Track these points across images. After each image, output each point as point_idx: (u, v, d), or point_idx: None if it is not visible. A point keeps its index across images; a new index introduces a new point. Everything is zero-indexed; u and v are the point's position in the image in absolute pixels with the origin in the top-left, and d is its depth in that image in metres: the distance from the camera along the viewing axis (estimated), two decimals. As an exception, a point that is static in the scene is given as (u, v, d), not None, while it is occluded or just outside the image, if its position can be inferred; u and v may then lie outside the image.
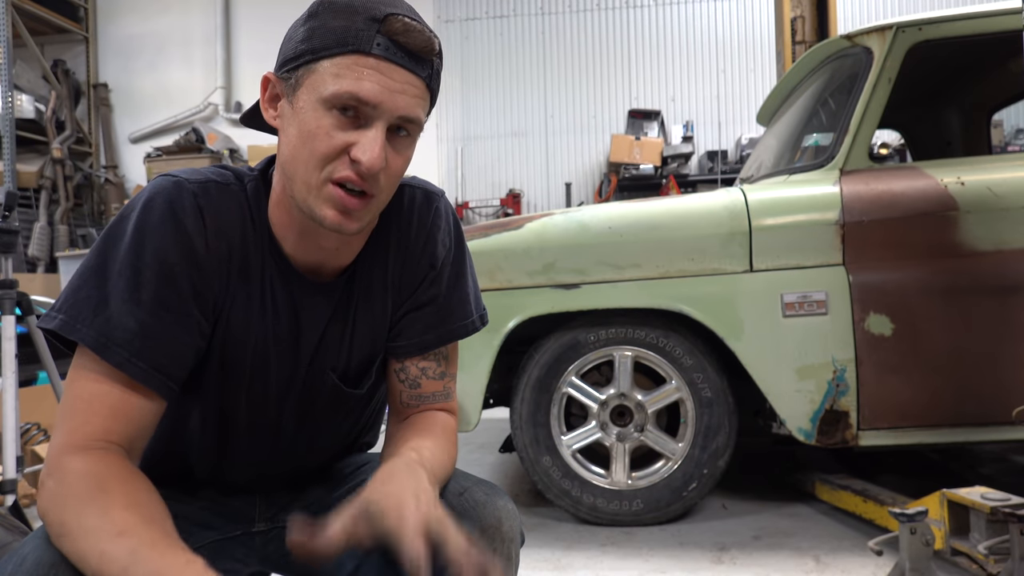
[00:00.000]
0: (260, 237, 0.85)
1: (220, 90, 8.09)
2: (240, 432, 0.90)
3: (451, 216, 0.97)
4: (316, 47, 0.75)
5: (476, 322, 0.97)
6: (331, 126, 0.75)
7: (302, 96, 0.77)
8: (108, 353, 0.74)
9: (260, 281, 0.85)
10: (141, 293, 0.75)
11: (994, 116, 3.05)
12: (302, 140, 0.76)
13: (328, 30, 0.75)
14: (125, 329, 0.74)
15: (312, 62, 0.76)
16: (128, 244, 0.76)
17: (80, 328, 0.74)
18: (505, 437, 2.63)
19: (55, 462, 0.72)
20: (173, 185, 0.80)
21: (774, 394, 2.05)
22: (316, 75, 0.75)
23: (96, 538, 0.67)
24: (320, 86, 0.75)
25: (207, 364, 0.84)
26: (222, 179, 0.84)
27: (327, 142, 0.75)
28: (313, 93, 0.75)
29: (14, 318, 2.15)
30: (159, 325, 0.76)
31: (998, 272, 1.98)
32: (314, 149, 0.76)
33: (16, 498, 2.09)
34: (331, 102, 0.75)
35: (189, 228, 0.78)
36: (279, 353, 0.88)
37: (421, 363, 0.95)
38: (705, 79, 7.55)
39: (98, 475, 0.70)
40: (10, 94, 3.70)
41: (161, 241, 0.77)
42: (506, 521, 0.85)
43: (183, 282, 0.78)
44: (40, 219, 7.13)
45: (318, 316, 0.89)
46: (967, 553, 1.67)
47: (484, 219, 7.63)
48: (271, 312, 0.86)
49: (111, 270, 0.76)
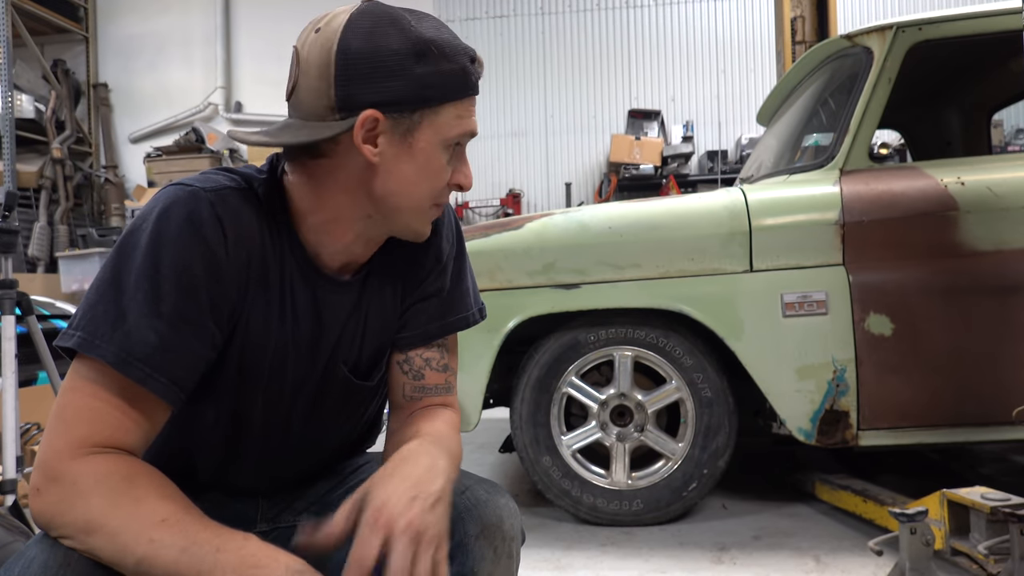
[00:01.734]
0: (279, 241, 0.85)
1: (220, 90, 8.08)
2: (253, 432, 0.90)
3: (452, 214, 1.01)
4: (444, 93, 0.80)
5: (476, 314, 1.02)
6: (446, 162, 0.84)
7: (422, 137, 0.81)
8: (129, 369, 0.72)
9: (279, 285, 0.85)
10: (161, 306, 0.74)
11: (994, 116, 3.05)
12: (425, 176, 0.83)
13: (447, 75, 0.80)
14: (146, 343, 0.73)
15: (437, 106, 0.80)
16: (145, 256, 0.74)
17: (100, 345, 0.72)
18: (505, 437, 2.63)
19: (58, 468, 0.70)
20: (189, 194, 0.78)
21: (774, 394, 2.05)
22: (440, 118, 0.81)
23: (139, 528, 0.67)
24: (444, 128, 0.81)
25: (223, 369, 0.83)
26: (236, 184, 0.83)
27: (444, 177, 0.85)
28: (437, 135, 0.81)
29: (14, 318, 2.15)
30: (178, 338, 0.75)
31: (998, 272, 1.98)
32: (435, 185, 0.85)
33: (16, 498, 2.09)
34: (453, 141, 0.83)
35: (209, 238, 0.77)
36: (297, 354, 0.88)
37: (425, 353, 0.97)
38: (705, 79, 7.55)
39: (120, 472, 0.71)
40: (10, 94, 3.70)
41: (181, 252, 0.75)
42: (507, 519, 0.86)
43: (202, 294, 0.77)
44: (40, 219, 7.12)
45: (339, 313, 0.90)
46: (967, 553, 1.67)
47: (484, 219, 7.63)
48: (291, 315, 0.86)
49: (127, 283, 0.74)
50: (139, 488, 0.70)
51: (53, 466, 0.70)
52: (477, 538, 0.82)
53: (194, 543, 0.66)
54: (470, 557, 0.81)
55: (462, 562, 0.81)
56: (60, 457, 0.71)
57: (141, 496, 0.69)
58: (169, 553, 0.66)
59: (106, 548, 0.68)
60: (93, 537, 0.68)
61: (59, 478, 0.70)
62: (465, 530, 0.82)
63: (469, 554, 0.81)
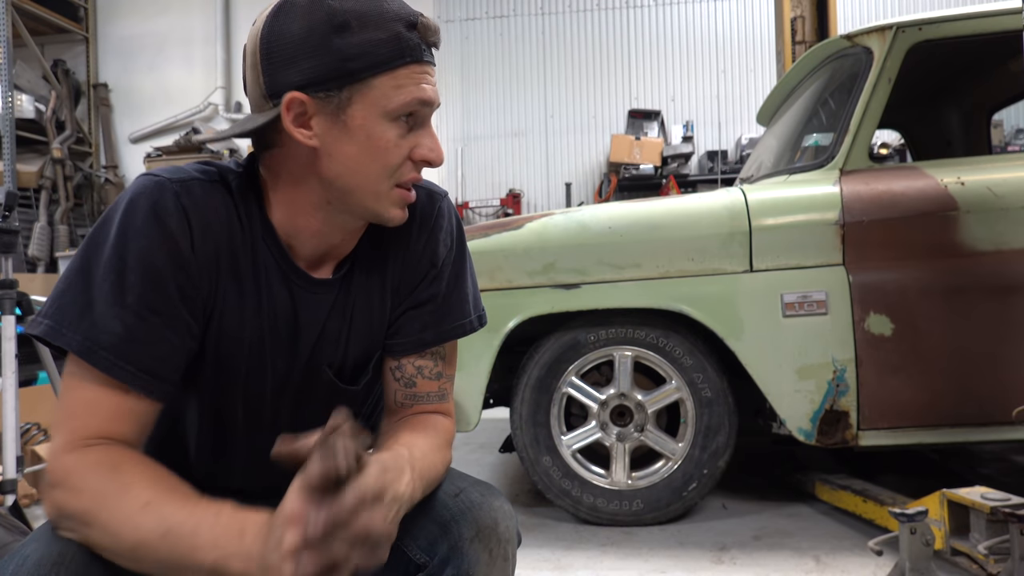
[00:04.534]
0: (251, 234, 0.84)
1: (220, 90, 8.08)
2: (237, 431, 0.90)
3: (454, 217, 0.97)
4: (371, 63, 0.76)
5: (474, 322, 0.98)
6: (397, 136, 0.80)
7: (357, 113, 0.78)
8: (94, 357, 0.73)
9: (254, 278, 0.85)
10: (126, 296, 0.75)
11: (994, 116, 3.05)
12: (371, 155, 0.79)
13: (375, 44, 0.76)
14: (111, 333, 0.74)
15: (367, 78, 0.77)
16: (112, 247, 0.75)
17: (66, 333, 0.73)
18: (505, 437, 2.63)
19: (54, 464, 0.72)
20: (155, 185, 0.78)
21: (774, 394, 2.05)
22: (375, 90, 0.77)
23: (126, 515, 0.67)
24: (383, 100, 0.77)
25: (202, 363, 0.84)
26: (206, 176, 0.83)
27: (397, 152, 0.80)
28: (374, 108, 0.78)
29: (14, 318, 2.15)
30: (145, 328, 0.75)
31: (998, 272, 1.98)
32: (387, 162, 0.80)
33: (16, 498, 2.09)
34: (397, 113, 0.78)
35: (173, 229, 0.77)
36: (276, 349, 0.87)
37: (418, 361, 0.94)
38: (705, 79, 7.55)
39: (109, 462, 0.71)
40: (10, 94, 3.70)
41: (145, 243, 0.76)
42: (502, 522, 0.85)
43: (169, 284, 0.77)
44: (40, 219, 7.12)
45: (317, 311, 0.89)
46: (967, 553, 1.67)
47: (484, 219, 7.63)
48: (267, 309, 0.86)
49: (95, 274, 0.75)
50: (126, 475, 0.70)
51: (52, 463, 0.72)
52: (472, 541, 0.81)
53: (172, 528, 0.66)
54: (465, 560, 0.80)
55: (457, 565, 0.80)
56: (57, 454, 0.72)
57: (128, 482, 0.69)
58: (152, 539, 0.66)
59: (104, 539, 0.68)
60: (91, 529, 0.69)
61: (56, 473, 0.71)
62: (460, 533, 0.81)
63: (464, 557, 0.80)
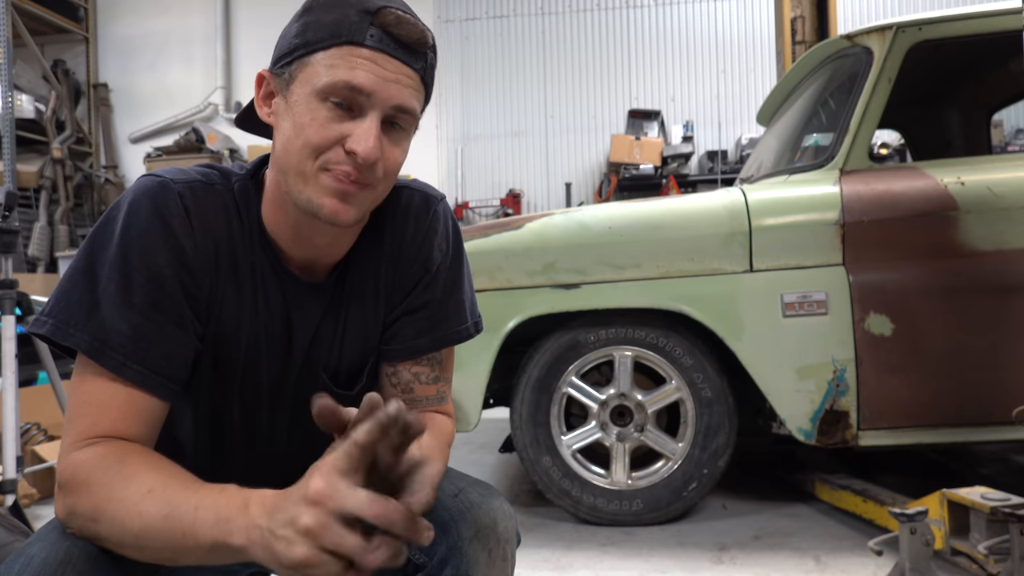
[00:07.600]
0: (249, 235, 0.85)
1: (220, 90, 8.08)
2: (235, 434, 0.90)
3: (450, 221, 0.95)
4: (310, 40, 0.76)
5: (470, 329, 0.97)
6: (325, 118, 0.76)
7: (296, 90, 0.77)
8: (103, 358, 0.73)
9: (251, 280, 0.85)
10: (132, 296, 0.75)
11: (994, 116, 3.05)
12: (296, 132, 0.77)
13: (321, 23, 0.76)
14: (119, 333, 0.74)
15: (306, 55, 0.76)
16: (116, 247, 0.76)
17: (74, 333, 0.74)
18: (505, 437, 2.63)
19: (62, 464, 0.71)
20: (159, 186, 0.79)
21: (774, 394, 2.05)
22: (310, 68, 0.76)
23: (131, 502, 0.67)
24: (314, 78, 0.76)
25: (200, 363, 0.84)
26: (207, 179, 0.84)
27: (321, 132, 0.76)
28: (306, 86, 0.76)
29: (14, 318, 2.15)
30: (152, 327, 0.76)
31: (998, 272, 1.98)
32: (308, 139, 0.76)
33: (16, 498, 2.09)
34: (325, 92, 0.75)
35: (176, 230, 0.78)
36: (271, 351, 0.88)
37: (414, 368, 0.94)
38: (705, 79, 7.55)
39: (114, 455, 0.71)
40: (10, 94, 3.69)
41: (149, 244, 0.76)
42: (501, 522, 0.84)
43: (173, 284, 0.78)
44: (40, 219, 7.12)
45: (310, 315, 0.89)
46: (967, 553, 1.67)
47: (484, 219, 7.63)
48: (263, 310, 0.86)
49: (100, 273, 0.75)
50: (129, 467, 0.70)
51: (61, 463, 0.72)
52: (471, 541, 0.80)
53: (176, 507, 0.65)
54: (464, 560, 0.80)
55: (456, 565, 0.79)
56: (66, 453, 0.72)
57: (131, 474, 0.69)
58: (155, 522, 0.65)
59: (113, 533, 0.68)
60: (99, 524, 0.68)
61: (64, 472, 0.71)
62: (459, 533, 0.81)
63: (463, 557, 0.80)
